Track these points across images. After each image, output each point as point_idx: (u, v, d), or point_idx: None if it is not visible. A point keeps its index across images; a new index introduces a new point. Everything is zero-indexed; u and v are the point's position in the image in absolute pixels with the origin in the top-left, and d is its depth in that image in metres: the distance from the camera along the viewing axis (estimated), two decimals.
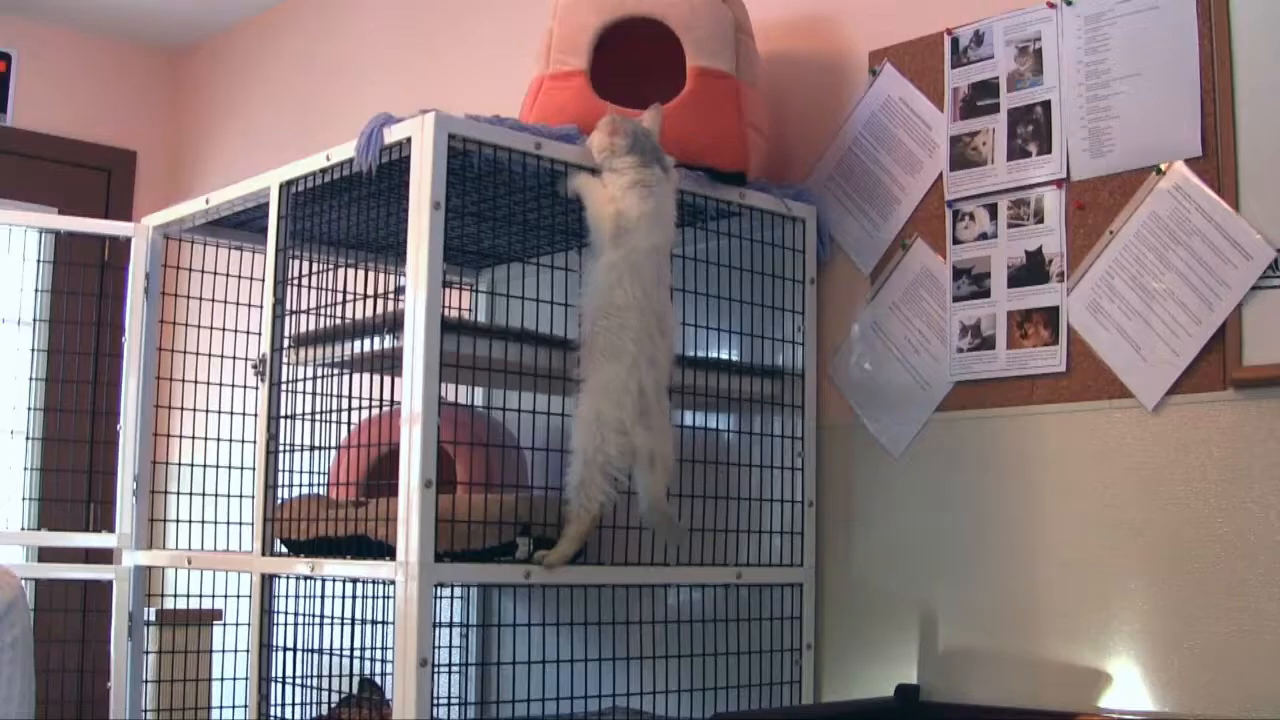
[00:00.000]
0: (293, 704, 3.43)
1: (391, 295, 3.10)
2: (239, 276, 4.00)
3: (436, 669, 3.21)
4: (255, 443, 3.49)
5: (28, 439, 5.15)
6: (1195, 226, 2.97)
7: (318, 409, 3.43)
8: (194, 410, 4.06)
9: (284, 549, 3.37)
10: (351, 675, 3.48)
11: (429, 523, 2.84)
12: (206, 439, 4.00)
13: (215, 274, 4.03)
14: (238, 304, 3.96)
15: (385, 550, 3.00)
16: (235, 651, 3.89)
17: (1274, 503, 2.82)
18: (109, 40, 6.45)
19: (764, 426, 3.57)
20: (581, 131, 3.24)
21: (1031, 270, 3.24)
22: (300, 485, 3.42)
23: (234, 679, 3.90)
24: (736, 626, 3.47)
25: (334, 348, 3.34)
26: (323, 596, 3.54)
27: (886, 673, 3.36)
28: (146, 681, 4.01)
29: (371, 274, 3.29)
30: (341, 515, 3.20)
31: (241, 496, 3.88)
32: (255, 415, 3.52)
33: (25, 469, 4.90)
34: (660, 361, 3.03)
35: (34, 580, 4.67)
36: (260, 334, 3.50)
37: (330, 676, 3.46)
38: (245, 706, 3.47)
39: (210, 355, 4.03)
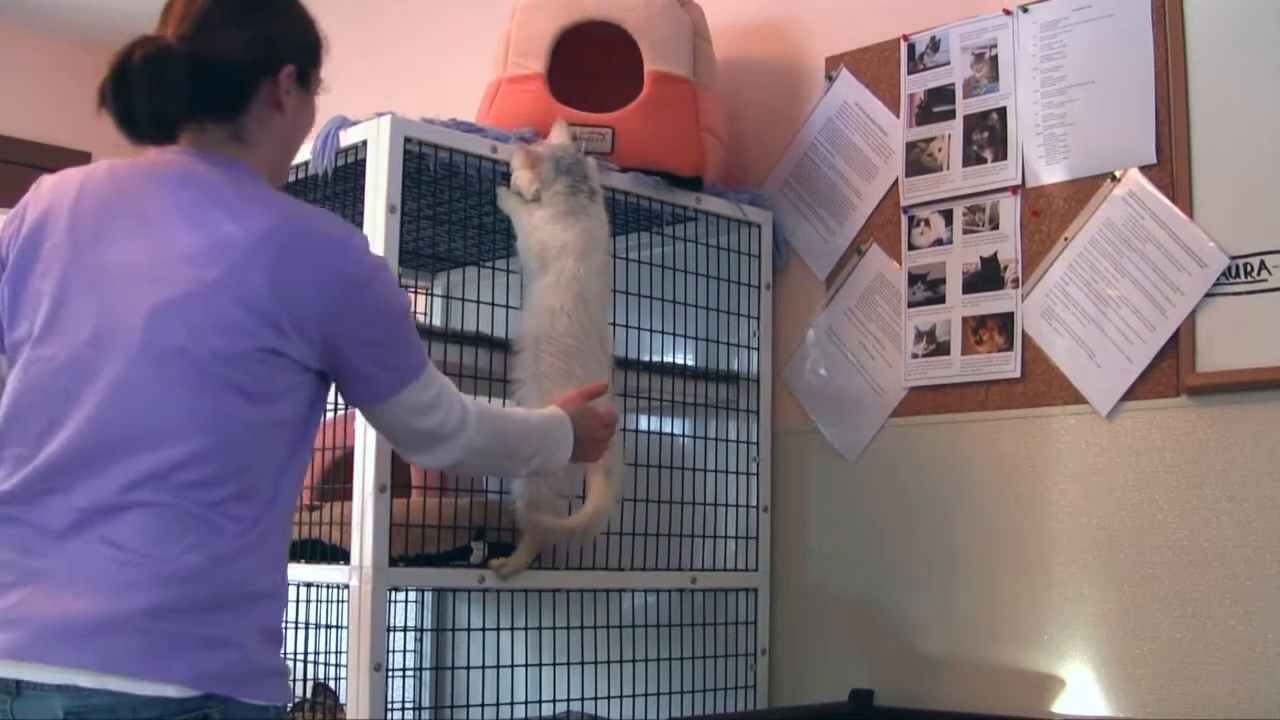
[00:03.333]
0: None
1: None
2: None
3: (391, 673, 3.19)
4: None
5: None
6: (1150, 233, 2.99)
7: None
8: None
9: None
10: (305, 680, 3.47)
11: (383, 527, 2.84)
12: None
13: None
14: None
15: (339, 554, 2.99)
16: None
17: (1226, 508, 2.83)
18: (63, 41, 6.40)
19: (719, 431, 3.57)
20: (538, 135, 3.24)
21: (986, 276, 3.25)
22: None
23: None
24: (691, 631, 3.47)
25: None
26: None
27: (840, 677, 3.37)
28: None
29: None
30: (295, 519, 3.18)
31: None
32: None
33: None
34: (605, 378, 3.01)
35: None
36: None
37: None
38: None
39: None
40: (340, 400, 2.30)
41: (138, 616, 1.88)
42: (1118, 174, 3.06)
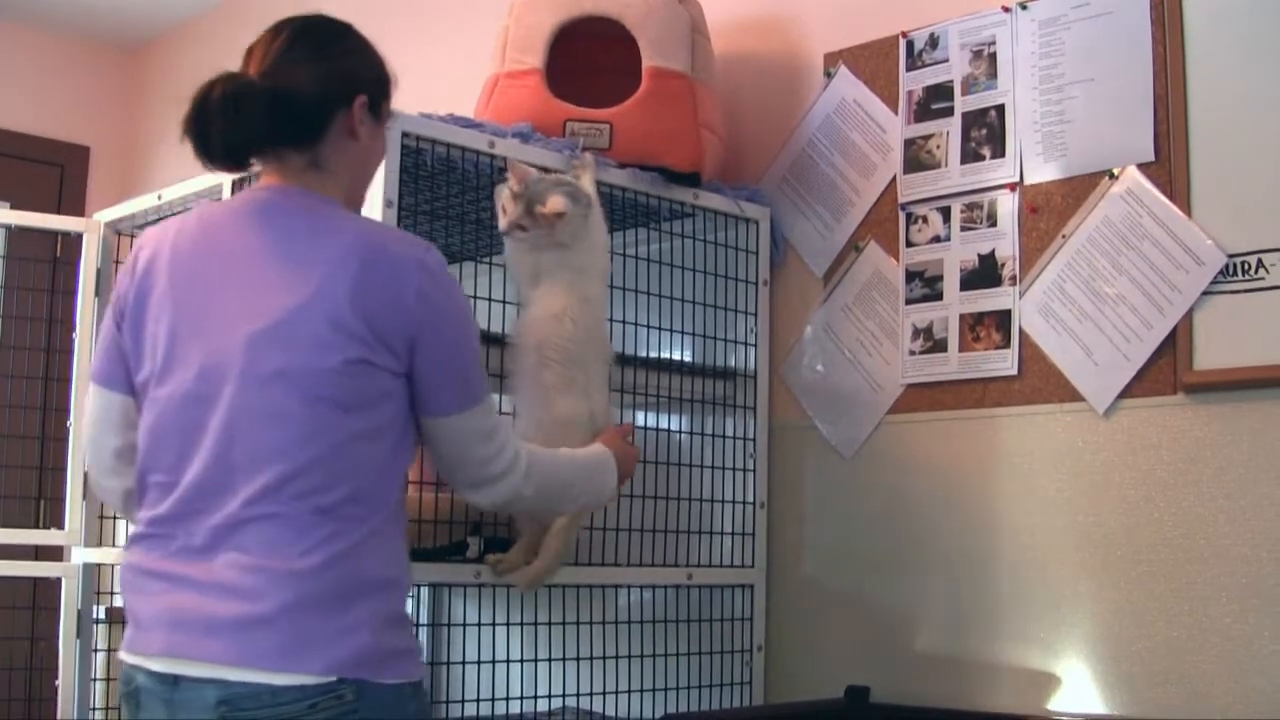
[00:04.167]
0: None
1: None
2: None
3: None
4: None
5: None
6: (1147, 231, 2.99)
7: None
8: None
9: None
10: None
11: None
12: None
13: None
14: None
15: None
16: None
17: (1223, 506, 2.83)
18: (63, 36, 6.41)
19: (716, 427, 3.57)
20: (536, 130, 3.24)
21: (984, 273, 3.25)
22: None
23: None
24: (687, 627, 3.47)
25: None
26: None
27: (837, 674, 3.36)
28: (95, 680, 3.98)
29: None
30: None
31: None
32: None
33: None
34: (604, 383, 3.01)
35: None
36: None
37: None
38: None
39: None
40: None
41: (271, 616, 2.10)
42: (1116, 172, 3.06)
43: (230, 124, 2.27)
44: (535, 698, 3.30)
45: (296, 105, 2.31)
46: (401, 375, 2.27)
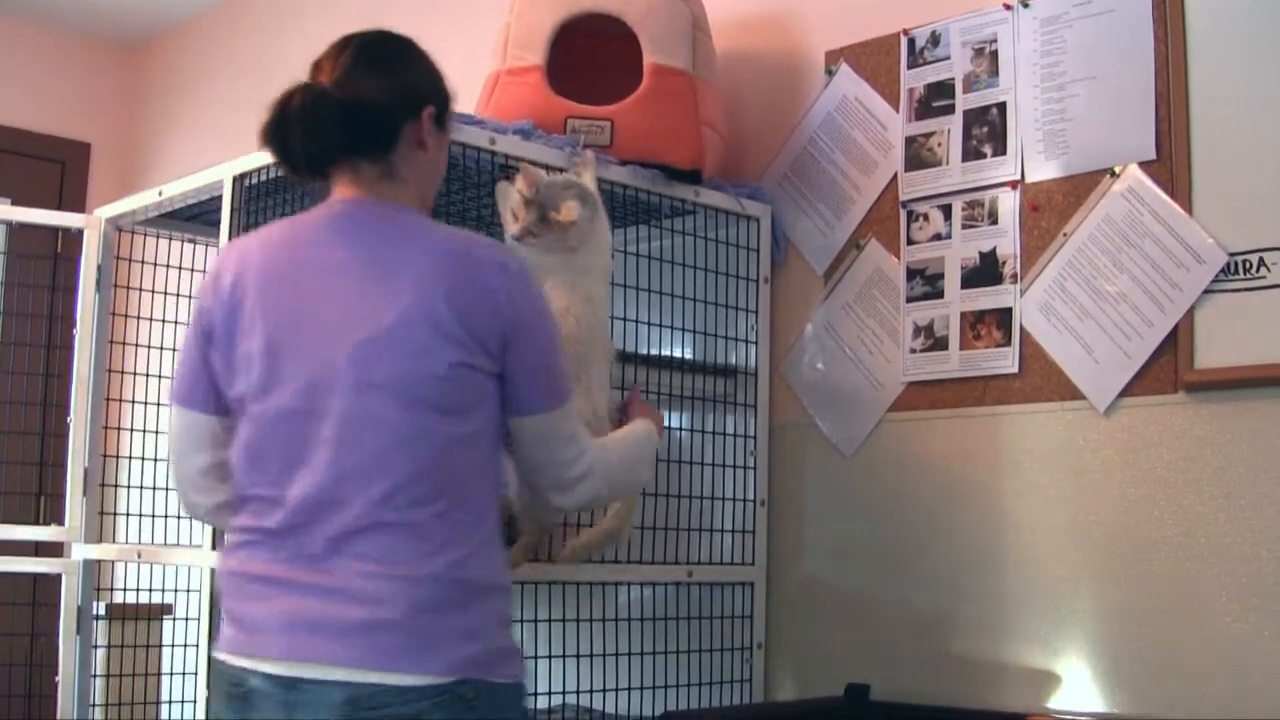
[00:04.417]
0: None
1: None
2: (191, 269, 3.98)
3: None
4: None
5: None
6: (1148, 229, 2.98)
7: None
8: (145, 403, 4.04)
9: None
10: None
11: None
12: (158, 432, 3.97)
13: (168, 267, 4.01)
14: (190, 297, 3.92)
15: None
16: (185, 646, 3.87)
17: (1224, 505, 2.83)
18: (64, 33, 6.40)
19: (716, 425, 3.57)
20: (537, 127, 3.23)
21: (985, 271, 3.25)
22: None
23: (184, 674, 3.89)
24: (687, 625, 3.47)
25: None
26: None
27: (837, 672, 3.36)
28: (95, 676, 3.98)
29: None
30: None
31: None
32: None
33: None
34: (607, 383, 3.00)
35: None
36: None
37: None
38: (195, 702, 3.46)
39: (162, 348, 4.01)
40: None
41: (397, 620, 2.19)
42: (1117, 170, 3.06)
43: (308, 133, 2.34)
44: (535, 695, 3.30)
45: (368, 115, 2.37)
46: (495, 376, 2.34)
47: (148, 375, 4.03)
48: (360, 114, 2.36)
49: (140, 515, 3.98)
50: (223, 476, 2.42)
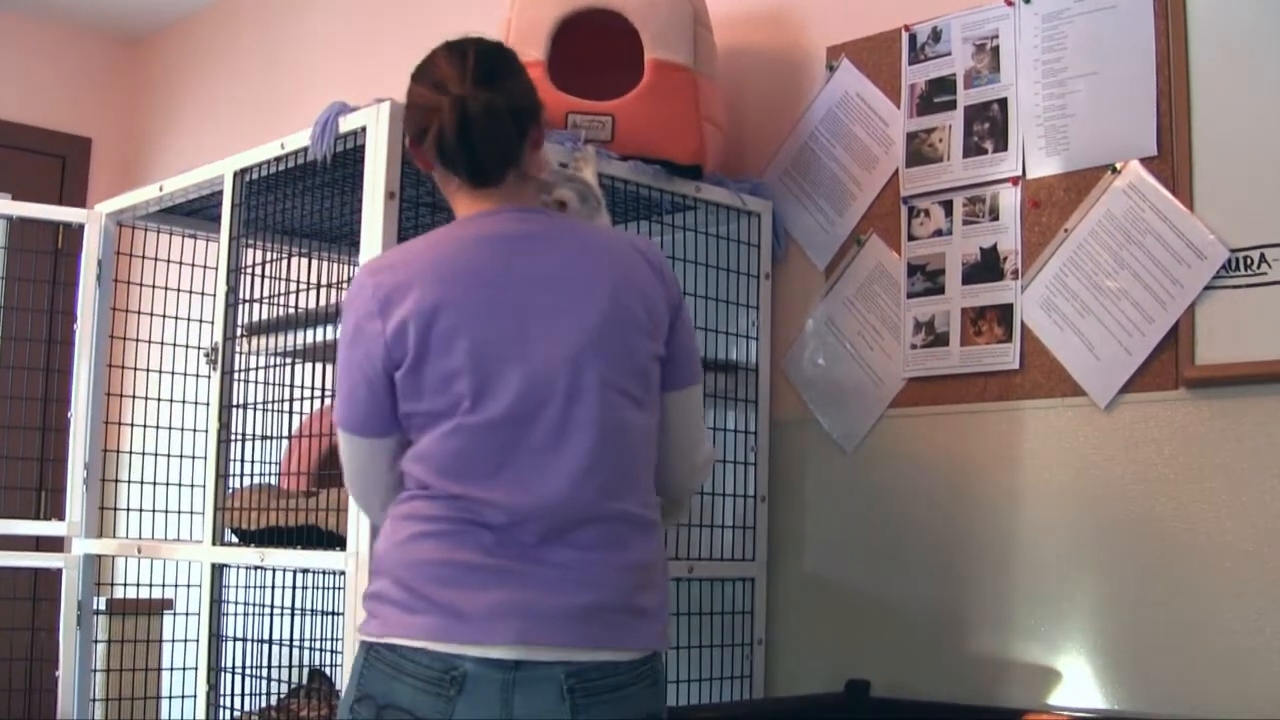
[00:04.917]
0: (242, 694, 3.42)
1: (345, 285, 3.09)
2: (192, 264, 3.98)
3: None
4: (207, 431, 3.47)
5: None
6: (1149, 226, 2.98)
7: (270, 398, 3.42)
8: (146, 398, 4.04)
9: (235, 538, 3.36)
10: (302, 666, 3.47)
11: None
12: (158, 427, 3.98)
13: (168, 262, 4.00)
14: (190, 292, 3.94)
15: (336, 540, 2.99)
16: (185, 641, 3.87)
17: (1224, 501, 2.83)
18: (65, 27, 6.41)
19: (717, 421, 3.57)
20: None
21: (986, 267, 3.25)
22: (251, 474, 3.40)
23: (184, 668, 3.88)
24: (688, 620, 3.47)
25: (287, 337, 3.33)
26: (274, 587, 3.53)
27: (837, 667, 3.36)
28: (96, 670, 3.98)
29: (325, 263, 3.28)
30: (292, 505, 3.19)
31: (193, 485, 3.86)
32: (207, 404, 3.51)
33: None
34: None
35: None
36: (213, 322, 3.48)
37: (280, 667, 3.45)
38: (195, 696, 3.46)
39: (162, 343, 4.02)
40: (333, 389, 2.35)
41: (612, 604, 2.37)
42: (1118, 166, 3.06)
43: (494, 141, 2.42)
44: None
45: (523, 118, 2.46)
46: (661, 358, 2.51)
47: (148, 370, 4.03)
48: (522, 118, 2.45)
49: (141, 510, 3.98)
50: (402, 484, 2.48)
